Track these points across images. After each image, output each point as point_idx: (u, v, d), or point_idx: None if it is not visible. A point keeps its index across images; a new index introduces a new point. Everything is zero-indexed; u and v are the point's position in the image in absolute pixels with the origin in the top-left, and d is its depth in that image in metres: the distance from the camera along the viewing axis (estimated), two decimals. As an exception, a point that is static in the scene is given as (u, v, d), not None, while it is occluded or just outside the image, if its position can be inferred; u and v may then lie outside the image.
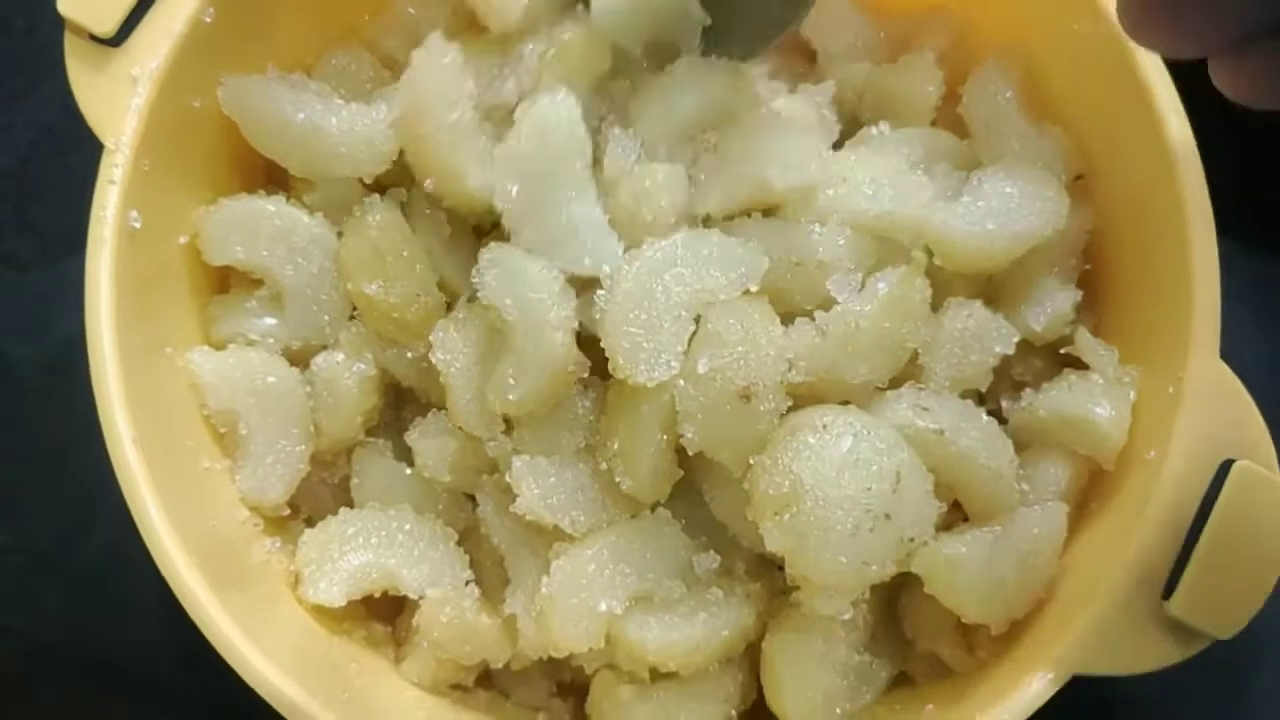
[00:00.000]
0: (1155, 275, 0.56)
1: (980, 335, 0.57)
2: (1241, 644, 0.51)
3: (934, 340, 0.57)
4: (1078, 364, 0.59)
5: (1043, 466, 0.57)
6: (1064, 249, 0.60)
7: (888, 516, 0.51)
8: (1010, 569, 0.54)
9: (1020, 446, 0.57)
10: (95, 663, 0.70)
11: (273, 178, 0.63)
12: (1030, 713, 0.50)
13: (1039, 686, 0.50)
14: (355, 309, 0.60)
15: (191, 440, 0.58)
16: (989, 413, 0.57)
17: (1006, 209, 0.57)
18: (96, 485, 0.58)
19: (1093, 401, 0.56)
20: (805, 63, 0.68)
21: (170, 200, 0.58)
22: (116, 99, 0.55)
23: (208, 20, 0.56)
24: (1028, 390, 0.59)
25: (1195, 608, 0.50)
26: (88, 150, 0.54)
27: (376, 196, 0.60)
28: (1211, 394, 0.52)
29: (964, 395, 0.57)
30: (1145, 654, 0.50)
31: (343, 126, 0.58)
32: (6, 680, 0.70)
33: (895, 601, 0.60)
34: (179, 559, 0.51)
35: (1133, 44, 0.56)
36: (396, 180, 0.60)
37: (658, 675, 0.57)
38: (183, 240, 0.59)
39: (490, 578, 0.60)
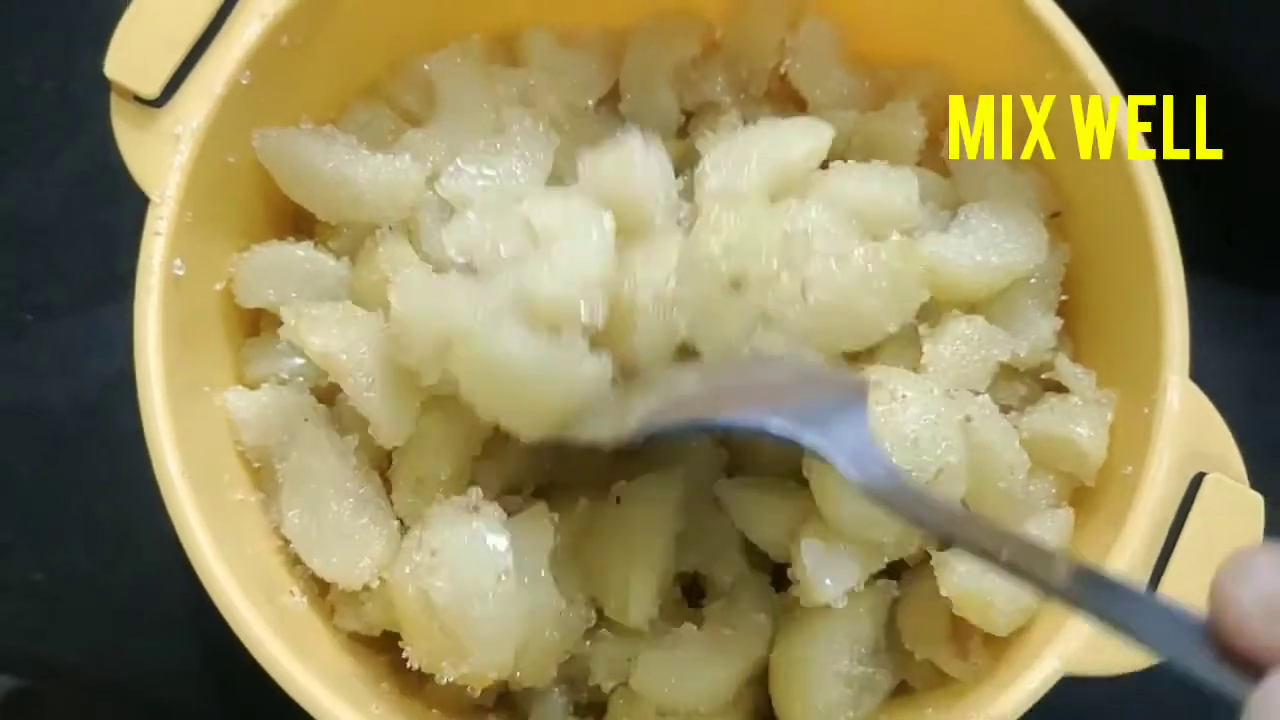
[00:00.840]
0: (1128, 304, 0.60)
1: (980, 341, 0.61)
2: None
3: (936, 343, 0.61)
4: (1059, 389, 0.64)
5: (1031, 483, 0.61)
6: (1044, 281, 0.64)
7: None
8: None
9: (1007, 467, 0.61)
10: (127, 691, 0.73)
11: (300, 226, 0.67)
12: (1022, 712, 0.53)
13: (1031, 687, 0.53)
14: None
15: (228, 474, 0.61)
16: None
17: (993, 242, 0.62)
18: (128, 522, 0.61)
19: (1073, 422, 0.60)
20: (797, 110, 0.72)
21: (208, 249, 0.61)
22: (160, 156, 0.58)
23: (245, 82, 0.60)
24: (1013, 414, 0.63)
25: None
26: (116, 204, 0.58)
27: (387, 228, 0.63)
28: (1183, 413, 0.56)
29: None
30: (1129, 655, 0.54)
31: (368, 175, 0.62)
32: (42, 708, 0.73)
33: (895, 614, 0.63)
34: (227, 584, 0.54)
35: (1101, 91, 0.60)
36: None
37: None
38: (219, 286, 0.63)
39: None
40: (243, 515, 0.61)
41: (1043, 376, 0.64)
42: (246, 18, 0.60)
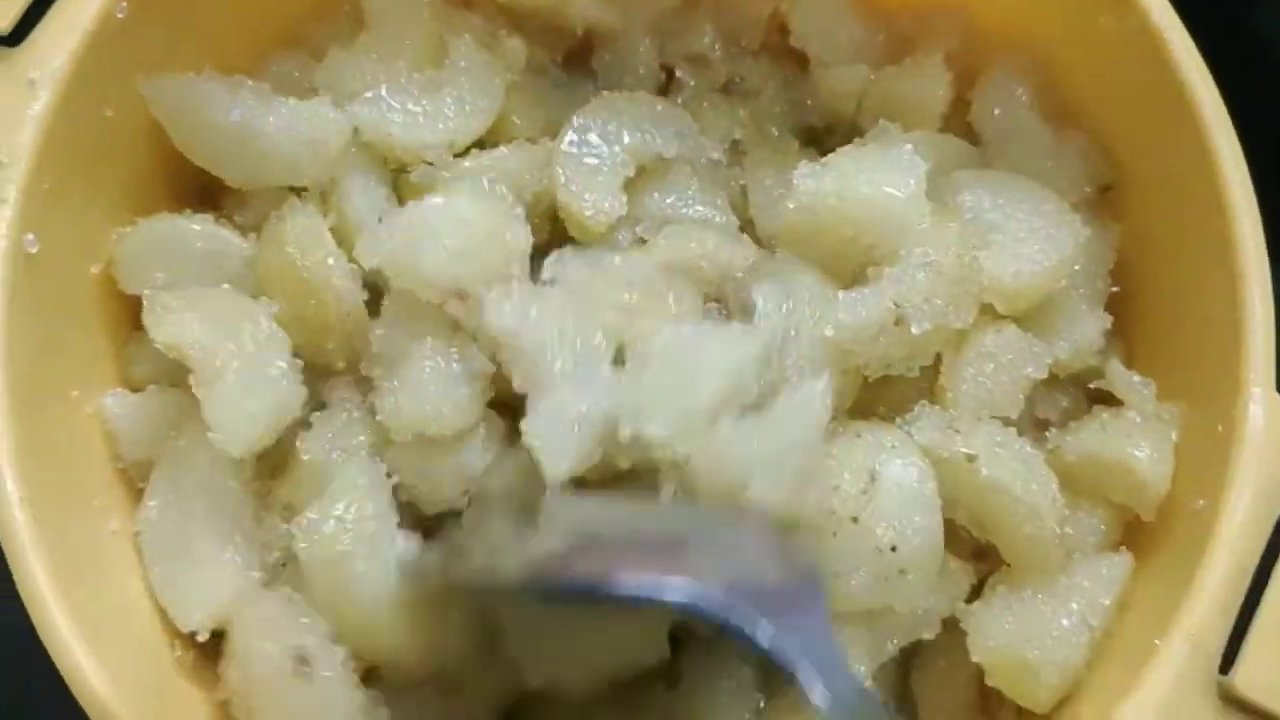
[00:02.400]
0: (1198, 297, 0.50)
1: (1010, 355, 0.51)
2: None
3: (958, 361, 0.51)
4: (1110, 401, 0.53)
5: (1075, 518, 0.51)
6: (1090, 270, 0.54)
7: (855, 520, 0.46)
8: (1075, 645, 0.48)
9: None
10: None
11: (204, 198, 0.57)
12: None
13: (1080, 777, 0.43)
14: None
15: (99, 499, 0.51)
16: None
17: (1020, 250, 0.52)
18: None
19: (1129, 443, 0.50)
20: (796, 68, 0.62)
21: (78, 223, 0.51)
22: (10, 106, 0.48)
23: (121, 15, 0.50)
24: (1053, 431, 0.53)
25: (1261, 683, 0.43)
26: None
27: (296, 197, 0.53)
28: (1270, 433, 0.46)
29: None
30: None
31: (282, 125, 0.52)
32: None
33: (906, 679, 0.53)
34: (73, 642, 0.44)
35: (1168, 36, 0.50)
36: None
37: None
38: (95, 269, 0.53)
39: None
40: (117, 552, 0.51)
41: (1091, 386, 0.54)
42: (120, -50, 0.50)
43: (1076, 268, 0.54)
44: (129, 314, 0.54)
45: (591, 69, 0.63)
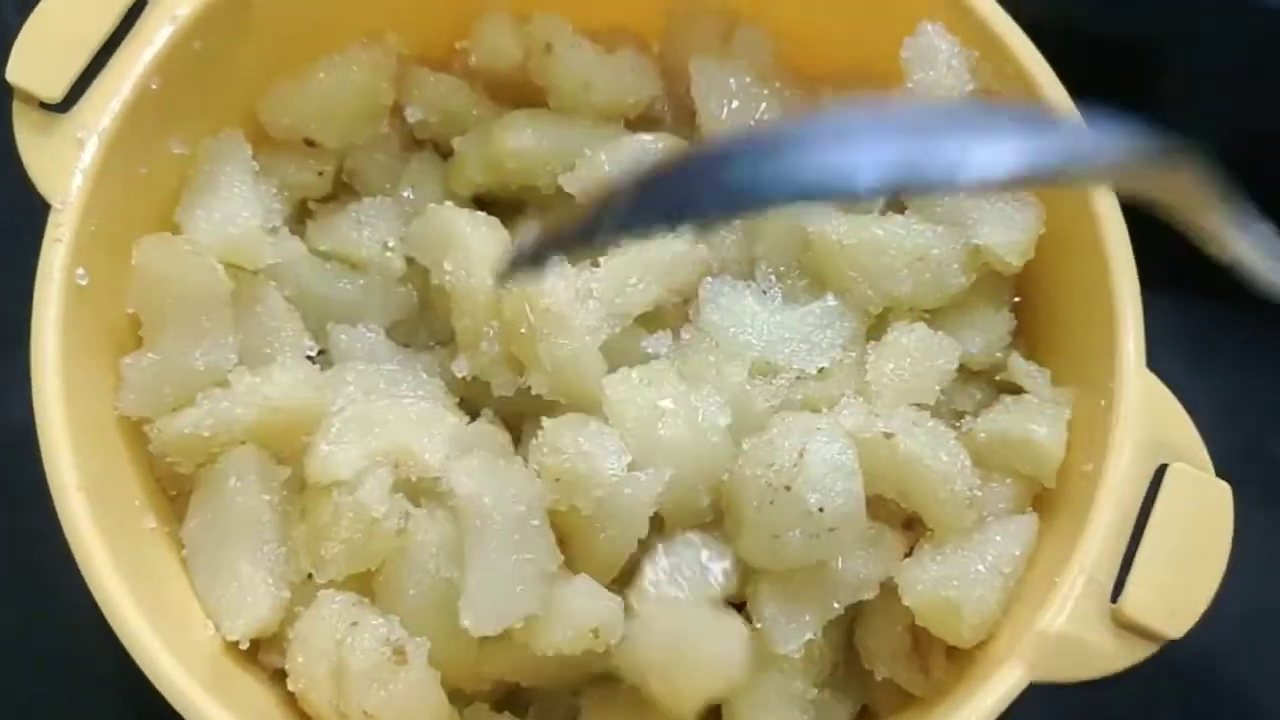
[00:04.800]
0: (1080, 297, 0.58)
1: (924, 351, 0.59)
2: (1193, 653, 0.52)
3: (879, 360, 0.58)
4: (1015, 390, 0.61)
5: (989, 488, 0.58)
6: (996, 279, 0.62)
7: (788, 488, 0.52)
8: (991, 587, 0.54)
9: (964, 472, 0.58)
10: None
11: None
12: (989, 723, 0.50)
13: (995, 698, 0.50)
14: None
15: (138, 500, 0.57)
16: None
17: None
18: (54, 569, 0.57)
19: (1030, 421, 0.57)
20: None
21: (117, 265, 0.58)
22: (63, 161, 0.55)
23: (155, 87, 0.57)
24: (968, 418, 0.61)
25: (1144, 607, 0.51)
26: (32, 242, 0.55)
27: None
28: (1141, 402, 0.54)
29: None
30: (1098, 658, 0.51)
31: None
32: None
33: (853, 636, 0.60)
34: (130, 611, 0.50)
35: (1045, 88, 0.59)
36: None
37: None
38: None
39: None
40: (154, 544, 0.57)
41: (997, 378, 0.62)
42: (157, 21, 0.58)
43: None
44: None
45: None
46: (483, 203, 0.67)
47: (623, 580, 0.56)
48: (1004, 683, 0.50)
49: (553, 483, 0.54)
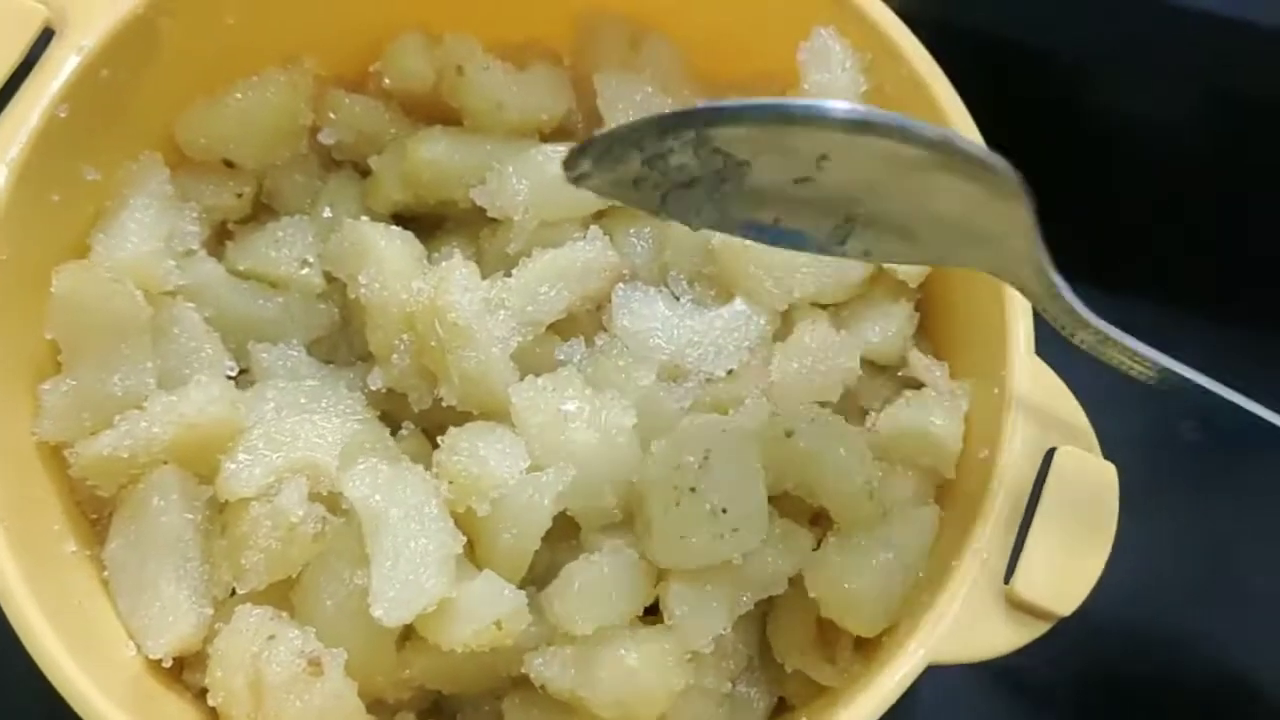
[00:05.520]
0: (972, 291, 0.60)
1: (826, 350, 0.60)
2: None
3: (784, 359, 0.60)
4: (919, 387, 0.62)
5: (891, 481, 0.60)
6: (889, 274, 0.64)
7: (693, 490, 0.54)
8: (892, 578, 0.56)
9: (869, 466, 0.59)
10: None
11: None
12: (887, 707, 0.51)
13: (894, 682, 0.52)
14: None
15: (58, 525, 0.58)
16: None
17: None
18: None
19: (928, 414, 0.59)
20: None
21: (31, 292, 0.58)
22: (-30, 191, 0.56)
23: (63, 115, 0.58)
24: (872, 414, 0.62)
25: (1034, 586, 0.53)
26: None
27: None
28: (1032, 389, 0.56)
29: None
30: (994, 638, 0.53)
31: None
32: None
33: (764, 632, 0.61)
34: (45, 634, 0.51)
35: (936, 90, 0.61)
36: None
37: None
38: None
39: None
40: (75, 567, 0.58)
41: (900, 374, 0.64)
42: (63, 52, 0.59)
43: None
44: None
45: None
46: (402, 220, 0.68)
47: (540, 584, 0.58)
48: (901, 668, 0.52)
49: (448, 484, 0.55)
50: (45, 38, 0.59)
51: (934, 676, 0.52)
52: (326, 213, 0.69)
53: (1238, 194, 0.84)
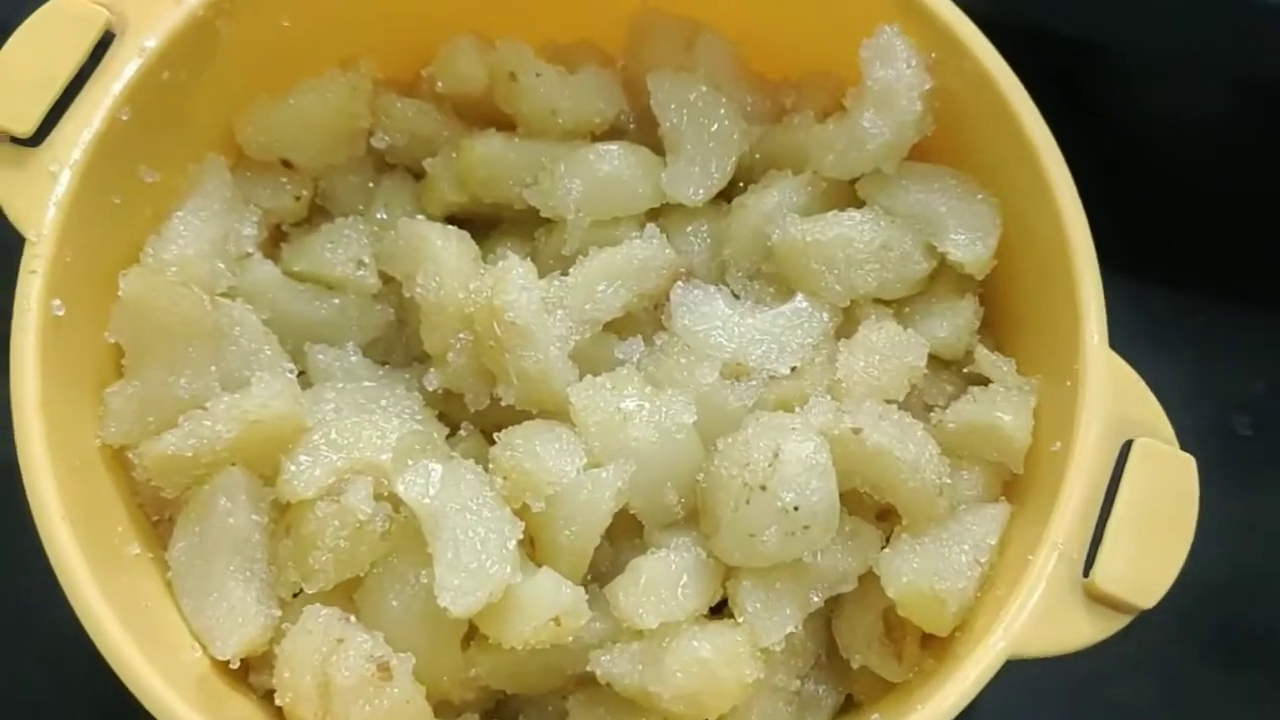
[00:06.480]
0: (1043, 284, 0.60)
1: (893, 348, 0.60)
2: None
3: (850, 357, 0.60)
4: (984, 383, 0.62)
5: (959, 476, 0.59)
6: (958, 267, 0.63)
7: (763, 488, 0.53)
8: (969, 577, 0.56)
9: (936, 462, 0.59)
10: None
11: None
12: (967, 702, 0.51)
13: (975, 676, 0.51)
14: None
15: (121, 527, 0.58)
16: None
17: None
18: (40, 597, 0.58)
19: (996, 409, 0.59)
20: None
21: (94, 295, 0.59)
22: (37, 194, 0.56)
23: (125, 118, 0.58)
24: (937, 409, 0.62)
25: (1115, 579, 0.52)
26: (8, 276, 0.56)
27: None
28: (1106, 380, 0.55)
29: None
30: (1073, 632, 0.52)
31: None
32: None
33: (829, 628, 0.60)
34: (119, 636, 0.51)
35: (1004, 86, 0.60)
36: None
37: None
38: (112, 339, 0.60)
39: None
40: (139, 569, 0.58)
41: (966, 371, 0.63)
42: (125, 54, 0.59)
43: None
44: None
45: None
46: (456, 222, 0.68)
47: (605, 583, 0.57)
48: (982, 661, 0.51)
49: (503, 480, 0.55)
50: (107, 40, 0.59)
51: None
52: (381, 214, 0.69)
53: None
